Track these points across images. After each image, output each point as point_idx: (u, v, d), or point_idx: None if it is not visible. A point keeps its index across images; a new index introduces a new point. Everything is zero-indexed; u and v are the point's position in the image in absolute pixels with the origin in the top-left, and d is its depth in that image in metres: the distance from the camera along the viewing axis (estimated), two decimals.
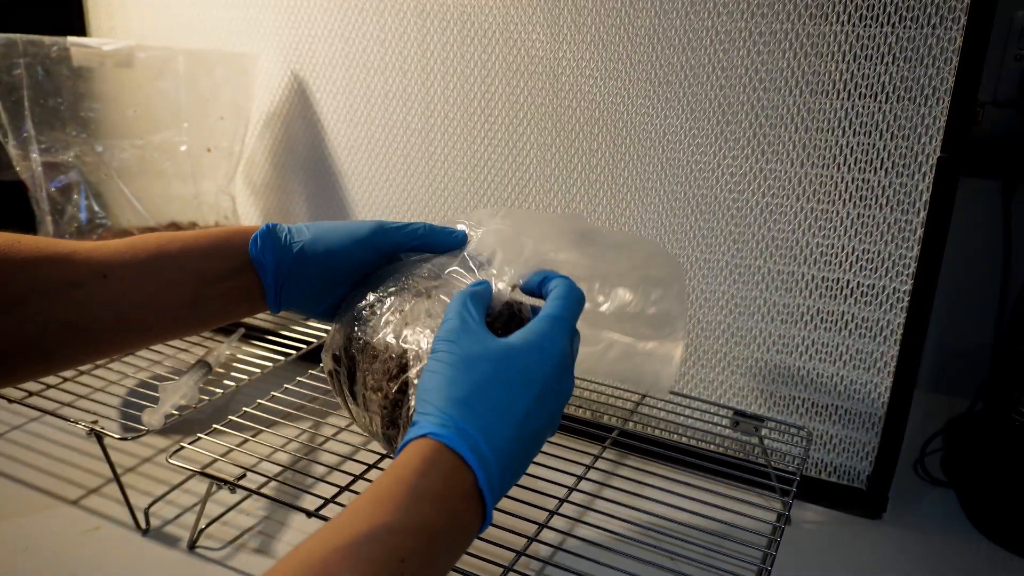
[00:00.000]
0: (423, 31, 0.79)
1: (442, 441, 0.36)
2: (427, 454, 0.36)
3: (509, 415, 0.39)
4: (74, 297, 0.44)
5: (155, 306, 0.47)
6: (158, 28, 0.98)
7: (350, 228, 0.51)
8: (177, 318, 0.48)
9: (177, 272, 0.47)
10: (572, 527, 0.64)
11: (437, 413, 0.37)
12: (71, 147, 0.84)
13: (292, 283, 0.50)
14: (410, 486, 0.35)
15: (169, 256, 0.47)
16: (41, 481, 0.71)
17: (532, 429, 0.40)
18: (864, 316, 0.67)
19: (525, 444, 0.40)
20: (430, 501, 0.35)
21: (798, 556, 0.64)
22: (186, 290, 0.47)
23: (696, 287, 0.73)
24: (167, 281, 0.47)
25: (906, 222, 0.63)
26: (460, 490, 0.36)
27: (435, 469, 0.36)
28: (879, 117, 0.62)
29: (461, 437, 0.37)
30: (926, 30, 0.59)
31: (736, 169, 0.68)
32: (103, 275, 0.44)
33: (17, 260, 0.42)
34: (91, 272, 0.44)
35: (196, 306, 0.48)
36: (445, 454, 0.36)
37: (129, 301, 0.46)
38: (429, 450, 0.36)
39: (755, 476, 0.65)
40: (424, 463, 0.36)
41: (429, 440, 0.36)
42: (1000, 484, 0.68)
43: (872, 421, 0.69)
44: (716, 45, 0.66)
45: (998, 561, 0.65)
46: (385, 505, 0.34)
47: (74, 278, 0.44)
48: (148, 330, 0.48)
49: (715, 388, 0.75)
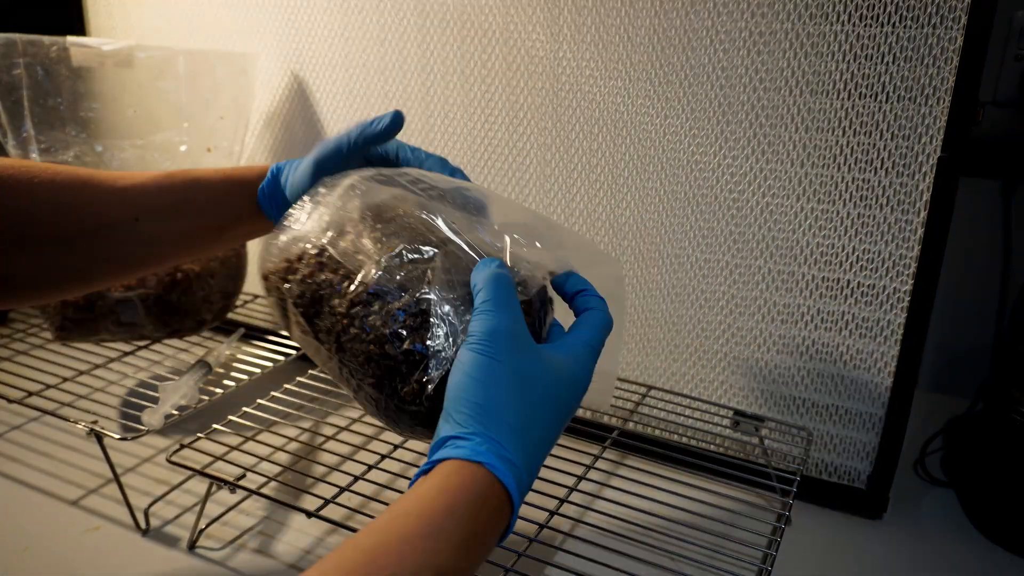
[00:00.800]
0: (423, 31, 0.79)
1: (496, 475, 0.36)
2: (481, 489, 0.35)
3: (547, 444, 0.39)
4: (111, 238, 0.50)
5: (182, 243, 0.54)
6: (158, 28, 0.98)
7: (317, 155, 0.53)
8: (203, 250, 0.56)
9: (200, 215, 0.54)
10: (573, 527, 0.64)
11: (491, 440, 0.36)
12: (71, 147, 0.83)
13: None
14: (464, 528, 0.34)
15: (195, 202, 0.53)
16: (41, 481, 0.71)
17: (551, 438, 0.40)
18: (864, 316, 0.67)
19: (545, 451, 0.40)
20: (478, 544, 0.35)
21: (798, 556, 0.64)
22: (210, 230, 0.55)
23: (696, 287, 0.73)
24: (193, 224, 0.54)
25: (906, 222, 0.63)
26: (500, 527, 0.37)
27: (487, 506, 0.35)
28: (879, 117, 0.62)
29: (512, 472, 0.36)
30: (926, 30, 0.59)
31: (736, 169, 0.68)
32: (135, 218, 0.51)
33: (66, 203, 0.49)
34: (124, 214, 0.51)
35: (220, 241, 0.56)
36: (497, 489, 0.36)
37: (159, 240, 0.53)
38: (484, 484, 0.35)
39: (755, 476, 0.65)
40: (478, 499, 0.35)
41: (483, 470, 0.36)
42: (1000, 484, 0.68)
43: (872, 421, 0.69)
44: (716, 45, 0.66)
45: (998, 561, 0.65)
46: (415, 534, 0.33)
47: (109, 221, 0.50)
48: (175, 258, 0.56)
49: (715, 388, 0.75)
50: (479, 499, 0.35)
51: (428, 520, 0.34)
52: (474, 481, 0.35)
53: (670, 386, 0.77)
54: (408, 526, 0.33)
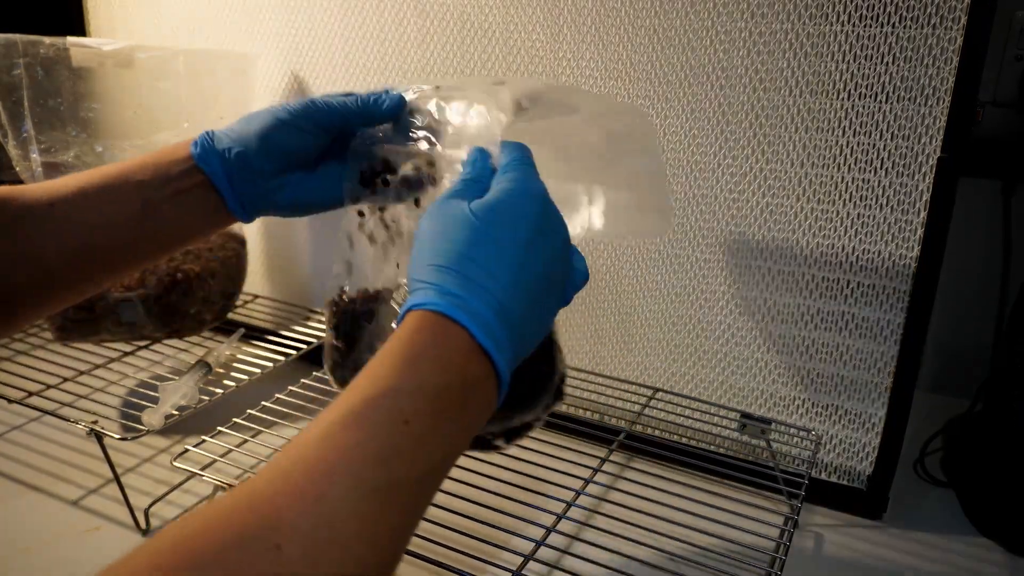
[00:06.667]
0: (423, 31, 0.79)
1: (426, 308, 0.36)
2: (414, 324, 0.35)
3: (499, 264, 0.38)
4: (24, 230, 0.44)
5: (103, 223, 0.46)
6: (158, 28, 0.98)
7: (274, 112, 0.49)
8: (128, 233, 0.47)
9: (121, 184, 0.47)
10: (579, 531, 0.64)
11: (418, 286, 0.37)
12: (71, 147, 0.83)
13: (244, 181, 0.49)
14: (401, 353, 0.34)
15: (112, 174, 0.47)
16: (41, 481, 0.71)
17: (532, 275, 0.39)
18: (864, 316, 0.67)
19: (529, 291, 0.39)
20: (425, 361, 0.34)
21: (797, 556, 0.64)
22: (132, 201, 0.47)
23: (696, 287, 0.73)
24: (112, 195, 0.46)
25: (906, 222, 0.63)
26: (454, 345, 0.35)
27: (423, 333, 0.35)
28: (879, 117, 0.62)
29: (445, 298, 0.36)
30: (926, 30, 0.59)
31: (736, 169, 0.68)
32: (49, 204, 0.45)
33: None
34: (37, 202, 0.45)
35: (146, 217, 0.47)
36: (431, 318, 0.35)
37: (76, 222, 0.46)
38: (416, 320, 0.36)
39: (762, 479, 0.65)
40: (413, 332, 0.35)
41: (413, 312, 0.36)
42: (1000, 484, 0.68)
43: (872, 421, 0.69)
44: (716, 45, 0.66)
45: (998, 561, 0.65)
46: (379, 374, 0.33)
47: (21, 211, 0.44)
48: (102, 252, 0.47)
49: (715, 388, 0.75)
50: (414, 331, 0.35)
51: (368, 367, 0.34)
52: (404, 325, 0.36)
53: (670, 386, 0.77)
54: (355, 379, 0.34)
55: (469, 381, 0.35)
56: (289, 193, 0.50)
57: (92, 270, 0.48)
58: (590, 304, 0.78)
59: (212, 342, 0.87)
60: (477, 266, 0.37)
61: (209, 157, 0.48)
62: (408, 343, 0.35)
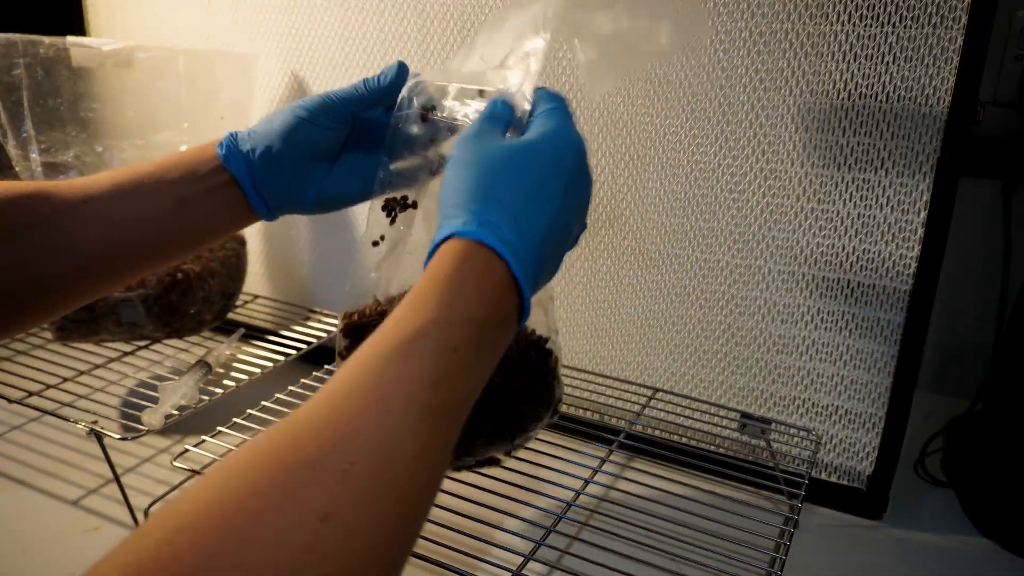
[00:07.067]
0: (423, 31, 0.79)
1: (468, 237, 0.36)
2: (456, 252, 0.36)
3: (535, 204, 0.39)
4: (61, 224, 0.46)
5: (139, 218, 0.48)
6: (158, 28, 0.98)
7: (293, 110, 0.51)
8: (162, 228, 0.49)
9: (155, 182, 0.49)
10: (579, 531, 0.64)
11: (459, 213, 0.37)
12: (71, 147, 0.83)
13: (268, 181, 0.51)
14: (447, 283, 0.35)
15: (146, 172, 0.49)
16: (41, 481, 0.71)
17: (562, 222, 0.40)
18: (864, 316, 0.67)
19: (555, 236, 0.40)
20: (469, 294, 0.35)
21: (797, 556, 0.64)
22: (166, 197, 0.49)
23: (696, 287, 0.73)
24: (147, 192, 0.49)
25: (906, 222, 0.63)
26: (494, 279, 0.36)
27: (467, 264, 0.36)
28: (879, 117, 0.62)
29: (486, 228, 0.37)
30: (926, 30, 0.59)
31: (736, 169, 0.68)
32: (84, 200, 0.47)
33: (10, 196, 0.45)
34: (74, 199, 0.47)
35: (180, 213, 0.49)
36: (473, 248, 0.36)
37: (112, 217, 0.48)
38: (457, 248, 0.36)
39: (763, 479, 0.65)
40: (455, 260, 0.36)
41: (455, 240, 0.37)
42: (1000, 484, 0.68)
43: (873, 421, 0.69)
44: (716, 45, 0.66)
45: (998, 561, 0.65)
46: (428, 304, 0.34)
47: (60, 207, 0.46)
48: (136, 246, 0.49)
49: (715, 388, 0.75)
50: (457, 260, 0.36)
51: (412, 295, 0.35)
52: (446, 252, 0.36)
53: (670, 386, 0.77)
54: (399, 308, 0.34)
55: (504, 315, 0.37)
56: (314, 190, 0.52)
57: (126, 264, 0.50)
58: (590, 304, 0.78)
59: (212, 342, 0.87)
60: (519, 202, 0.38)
61: (233, 158, 0.50)
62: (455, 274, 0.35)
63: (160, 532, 0.25)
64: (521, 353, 0.52)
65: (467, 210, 0.37)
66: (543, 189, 0.39)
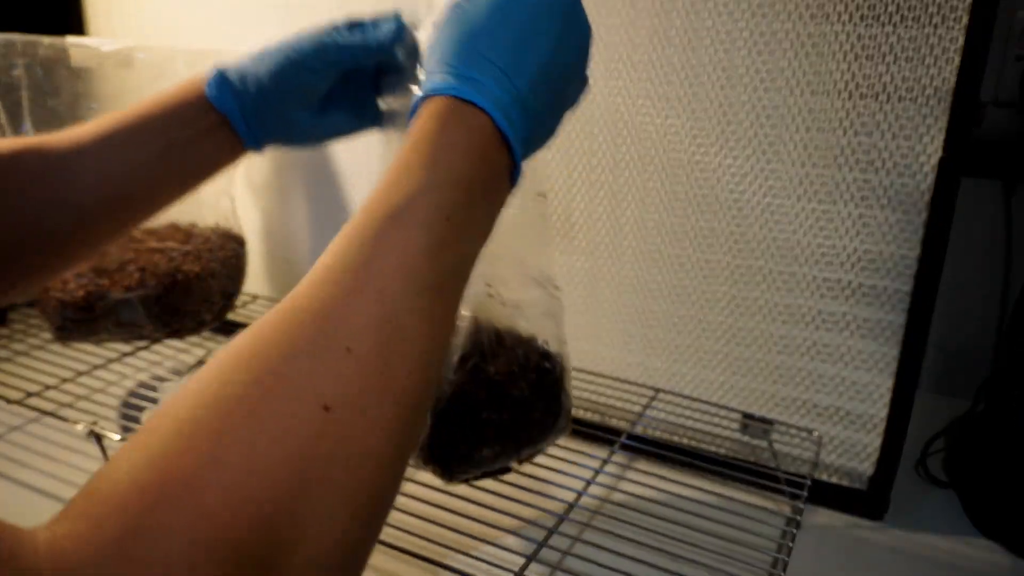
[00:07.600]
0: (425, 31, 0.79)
1: (447, 94, 0.35)
2: (437, 111, 0.35)
3: (524, 50, 0.37)
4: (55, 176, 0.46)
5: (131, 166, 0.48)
6: (158, 28, 0.97)
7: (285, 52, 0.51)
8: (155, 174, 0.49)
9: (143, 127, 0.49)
10: (581, 532, 0.64)
11: (437, 70, 0.36)
12: None
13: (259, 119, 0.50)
14: (432, 143, 0.33)
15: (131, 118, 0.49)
16: (41, 482, 0.70)
17: (557, 67, 0.38)
18: (865, 316, 0.67)
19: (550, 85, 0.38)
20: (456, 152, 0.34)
21: (798, 557, 0.64)
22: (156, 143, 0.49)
23: (697, 287, 0.73)
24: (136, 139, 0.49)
25: (907, 222, 0.63)
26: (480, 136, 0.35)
27: (450, 122, 0.34)
28: (880, 117, 0.62)
29: (466, 83, 0.35)
30: (927, 29, 0.59)
31: (737, 169, 0.68)
32: (77, 151, 0.47)
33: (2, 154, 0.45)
34: (65, 151, 0.47)
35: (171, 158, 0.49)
36: (455, 104, 0.35)
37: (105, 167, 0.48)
38: (438, 106, 0.35)
39: (765, 480, 0.65)
40: (437, 120, 0.34)
41: (435, 99, 0.35)
42: (1002, 485, 0.68)
43: (874, 422, 0.69)
44: (717, 45, 0.66)
45: (999, 562, 0.65)
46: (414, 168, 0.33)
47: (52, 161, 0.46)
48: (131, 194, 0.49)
49: (716, 388, 0.75)
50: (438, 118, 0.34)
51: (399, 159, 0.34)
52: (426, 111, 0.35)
53: (671, 387, 0.77)
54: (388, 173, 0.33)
55: (494, 173, 0.35)
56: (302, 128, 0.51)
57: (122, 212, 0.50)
58: (590, 304, 0.78)
59: (212, 342, 0.87)
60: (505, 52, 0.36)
61: (225, 98, 0.49)
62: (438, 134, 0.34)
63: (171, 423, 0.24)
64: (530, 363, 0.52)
65: (447, 66, 0.36)
66: (532, 31, 0.37)
